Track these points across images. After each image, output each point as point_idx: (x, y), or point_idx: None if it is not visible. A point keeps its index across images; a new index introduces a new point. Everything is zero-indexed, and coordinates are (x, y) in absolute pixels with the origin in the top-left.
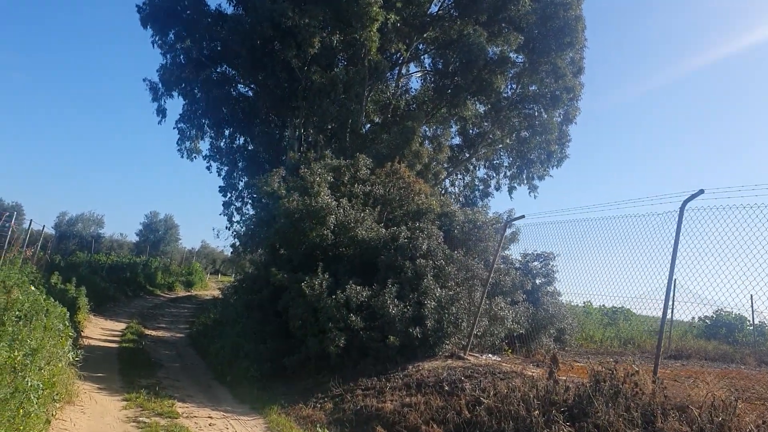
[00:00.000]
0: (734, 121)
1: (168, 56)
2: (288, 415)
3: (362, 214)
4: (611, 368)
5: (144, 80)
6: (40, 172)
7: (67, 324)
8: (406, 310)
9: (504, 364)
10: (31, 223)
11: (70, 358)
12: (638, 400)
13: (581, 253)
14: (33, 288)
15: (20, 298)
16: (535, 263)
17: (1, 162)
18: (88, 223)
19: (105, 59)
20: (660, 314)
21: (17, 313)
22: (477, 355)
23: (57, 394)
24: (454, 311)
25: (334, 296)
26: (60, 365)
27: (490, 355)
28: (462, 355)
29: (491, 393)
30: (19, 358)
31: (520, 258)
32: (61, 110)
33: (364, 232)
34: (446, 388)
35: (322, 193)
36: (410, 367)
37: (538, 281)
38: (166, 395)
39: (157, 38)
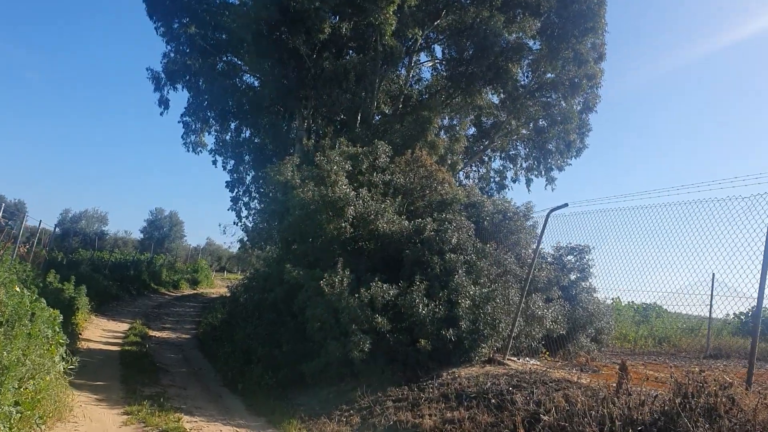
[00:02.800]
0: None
1: (171, 44)
2: (310, 430)
3: (383, 205)
4: (699, 380)
5: (147, 69)
6: (44, 169)
7: (58, 329)
8: (437, 310)
9: (554, 372)
10: (25, 217)
11: (62, 368)
12: (734, 418)
13: (616, 245)
14: (18, 289)
15: (3, 300)
16: (569, 257)
17: (4, 160)
18: (92, 220)
19: (108, 53)
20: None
21: None
22: (514, 359)
23: (41, 416)
24: (490, 310)
25: (357, 295)
26: (48, 378)
27: (528, 359)
28: (501, 359)
29: (550, 408)
30: None
31: (551, 251)
32: (64, 106)
33: (385, 225)
34: (493, 400)
35: (340, 183)
36: (444, 374)
37: (572, 276)
38: (172, 407)
39: (160, 25)
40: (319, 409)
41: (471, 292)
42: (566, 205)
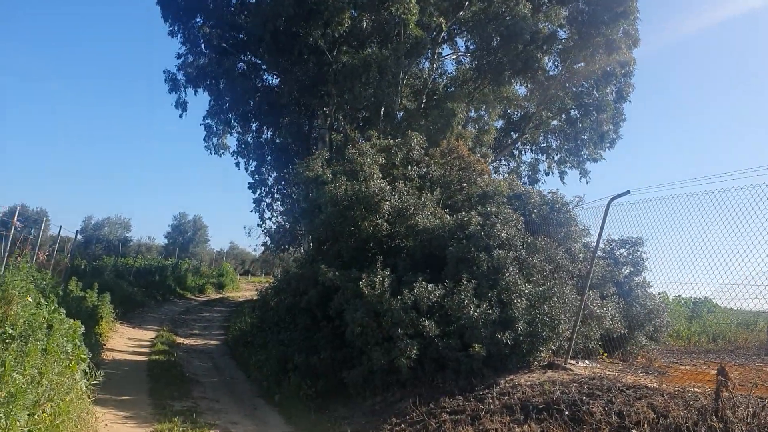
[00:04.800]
0: None
1: (187, 45)
2: None
3: (422, 199)
4: None
5: (164, 71)
6: (66, 177)
7: (79, 343)
8: (490, 311)
9: (626, 376)
10: (44, 223)
11: (83, 386)
12: None
13: (665, 237)
14: (30, 298)
15: (18, 312)
16: (621, 250)
17: (27, 169)
18: (115, 226)
19: (125, 57)
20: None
21: (9, 332)
22: (573, 362)
23: None
24: (547, 310)
25: (399, 297)
26: (68, 398)
27: (587, 361)
28: (562, 364)
29: (638, 419)
30: None
31: (601, 245)
32: (83, 113)
33: (424, 220)
34: (566, 412)
35: (375, 176)
36: (502, 381)
37: (625, 271)
38: (206, 423)
39: (176, 26)
40: (365, 422)
41: (526, 291)
42: (628, 192)
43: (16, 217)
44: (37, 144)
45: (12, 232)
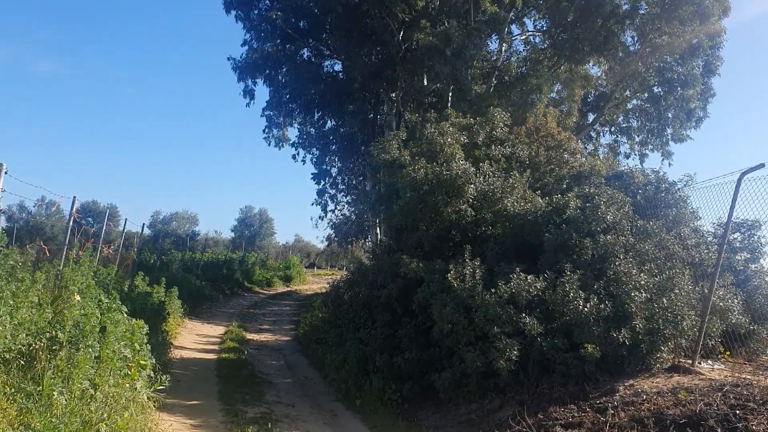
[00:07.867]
0: None
1: (251, 32)
2: None
3: (509, 181)
4: None
5: (228, 59)
6: (135, 174)
7: (139, 347)
8: (602, 305)
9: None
10: (107, 215)
11: (146, 396)
12: None
13: None
14: (79, 297)
15: (75, 313)
16: (736, 235)
17: (98, 167)
18: (183, 221)
19: (193, 53)
20: None
21: (58, 337)
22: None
23: None
24: (667, 304)
25: (493, 290)
26: (126, 414)
27: (710, 362)
28: (689, 366)
29: None
30: None
31: (711, 229)
32: (151, 111)
33: (514, 204)
34: (718, 430)
35: (457, 157)
36: (620, 387)
37: (740, 257)
38: None
39: (238, 15)
40: None
41: (642, 282)
42: (762, 165)
43: (74, 208)
44: (110, 143)
45: (71, 223)
